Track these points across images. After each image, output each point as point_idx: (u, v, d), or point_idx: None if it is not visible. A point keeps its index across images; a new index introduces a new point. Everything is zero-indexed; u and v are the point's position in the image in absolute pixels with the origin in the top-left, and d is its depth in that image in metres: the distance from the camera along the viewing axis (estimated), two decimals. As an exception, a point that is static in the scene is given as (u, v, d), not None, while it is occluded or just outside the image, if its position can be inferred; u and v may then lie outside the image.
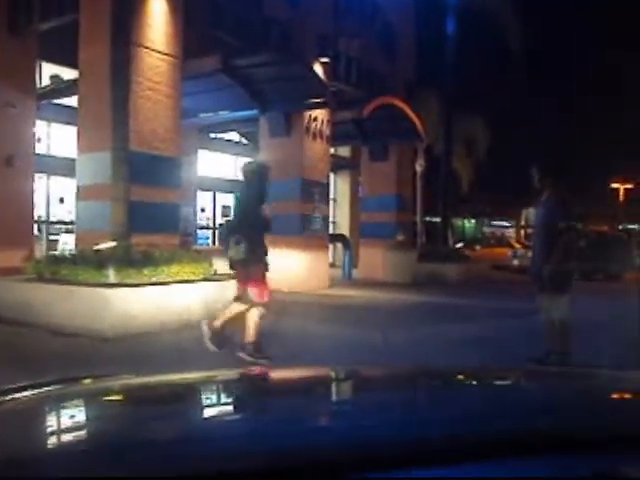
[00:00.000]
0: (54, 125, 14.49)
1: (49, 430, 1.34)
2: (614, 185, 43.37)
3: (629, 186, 42.69)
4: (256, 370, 2.18)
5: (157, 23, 10.74)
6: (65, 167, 12.93)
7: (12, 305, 8.61)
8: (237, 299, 6.57)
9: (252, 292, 6.41)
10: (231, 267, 6.58)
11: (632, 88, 31.54)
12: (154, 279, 8.35)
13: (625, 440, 1.06)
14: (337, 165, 20.74)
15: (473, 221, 47.82)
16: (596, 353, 4.88)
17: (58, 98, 13.83)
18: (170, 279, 8.53)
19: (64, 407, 1.52)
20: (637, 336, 6.77)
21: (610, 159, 34.77)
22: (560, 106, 37.93)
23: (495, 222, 50.10)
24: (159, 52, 10.75)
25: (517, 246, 27.38)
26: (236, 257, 6.35)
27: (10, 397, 1.50)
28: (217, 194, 18.56)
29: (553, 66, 38.48)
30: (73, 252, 9.58)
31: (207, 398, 1.73)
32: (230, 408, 1.58)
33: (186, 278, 8.74)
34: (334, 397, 1.70)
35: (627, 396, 1.53)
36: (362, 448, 1.01)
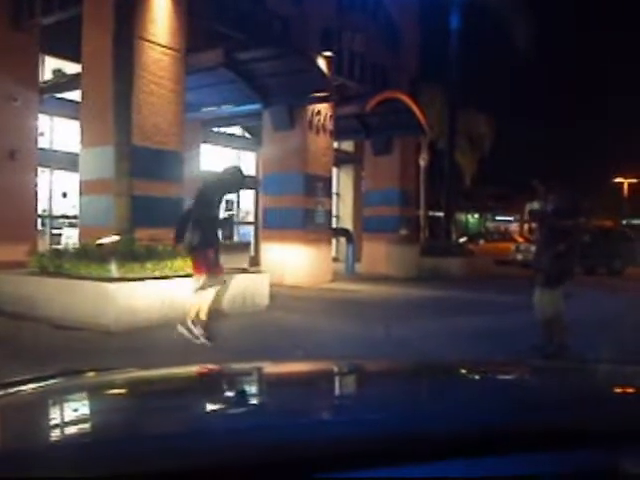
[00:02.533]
0: (57, 119, 14.45)
1: (53, 423, 1.35)
2: (618, 179, 43.29)
3: (633, 180, 42.59)
4: (256, 364, 2.19)
5: (160, 17, 10.73)
6: (68, 161, 12.94)
7: (15, 299, 8.64)
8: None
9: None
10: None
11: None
12: (157, 273, 8.35)
13: (623, 435, 1.06)
14: (340, 159, 20.70)
15: (476, 216, 47.82)
16: (593, 347, 4.87)
17: (61, 92, 13.80)
18: (173, 273, 8.53)
19: (67, 400, 1.53)
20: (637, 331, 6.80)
21: (614, 153, 34.75)
22: (564, 101, 37.85)
23: (498, 217, 50.09)
24: (162, 46, 10.74)
25: (520, 240, 27.27)
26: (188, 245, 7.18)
27: (14, 390, 1.50)
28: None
29: (558, 62, 38.39)
30: (76, 246, 9.59)
31: (208, 392, 1.73)
32: (231, 402, 1.58)
33: (189, 272, 8.72)
34: (328, 392, 1.70)
35: (622, 390, 1.53)
36: (350, 443, 1.01)
